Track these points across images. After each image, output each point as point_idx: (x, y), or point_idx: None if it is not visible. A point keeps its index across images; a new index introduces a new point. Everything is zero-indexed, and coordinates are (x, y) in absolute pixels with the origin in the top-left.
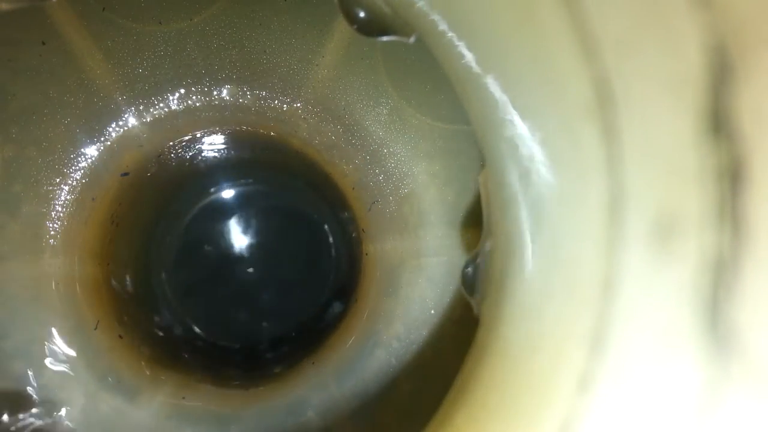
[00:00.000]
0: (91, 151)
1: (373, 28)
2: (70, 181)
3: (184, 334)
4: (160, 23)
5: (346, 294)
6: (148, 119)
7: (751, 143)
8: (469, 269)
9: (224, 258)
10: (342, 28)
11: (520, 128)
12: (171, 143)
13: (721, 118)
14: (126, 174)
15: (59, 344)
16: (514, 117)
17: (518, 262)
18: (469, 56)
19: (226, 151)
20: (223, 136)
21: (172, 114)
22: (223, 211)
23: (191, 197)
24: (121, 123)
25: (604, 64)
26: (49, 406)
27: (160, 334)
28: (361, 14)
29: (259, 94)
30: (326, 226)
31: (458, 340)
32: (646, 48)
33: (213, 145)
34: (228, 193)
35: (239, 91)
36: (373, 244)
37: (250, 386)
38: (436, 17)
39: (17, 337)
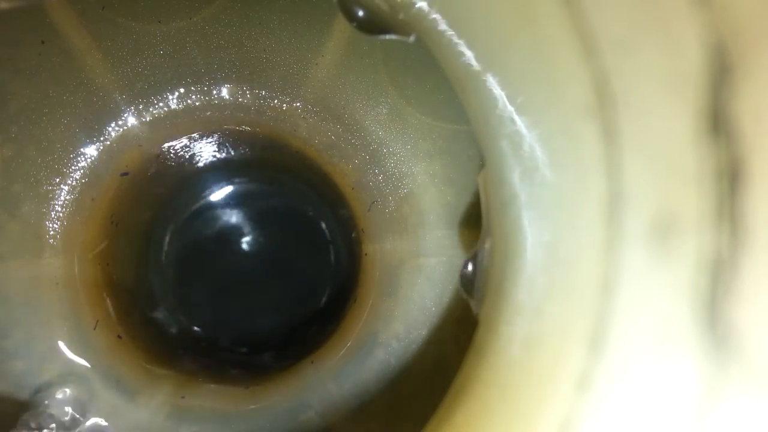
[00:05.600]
0: (91, 150)
1: (372, 26)
2: (69, 181)
3: (184, 334)
4: (160, 22)
5: (346, 294)
6: (148, 119)
7: (750, 143)
8: (468, 269)
9: (224, 257)
10: (342, 27)
11: (519, 127)
12: (171, 143)
13: (720, 118)
14: (126, 174)
15: (59, 344)
16: (514, 116)
17: (517, 262)
18: (468, 55)
19: (225, 151)
20: (222, 136)
21: (172, 113)
22: (223, 210)
23: (191, 197)
24: (120, 122)
25: (603, 63)
26: (49, 405)
27: (160, 333)
28: (360, 13)
29: (258, 93)
30: (325, 226)
31: (458, 340)
32: (645, 47)
33: (212, 144)
34: (227, 193)
35: (239, 91)
36: (372, 244)
37: (249, 385)
38: (435, 16)
39: (17, 337)
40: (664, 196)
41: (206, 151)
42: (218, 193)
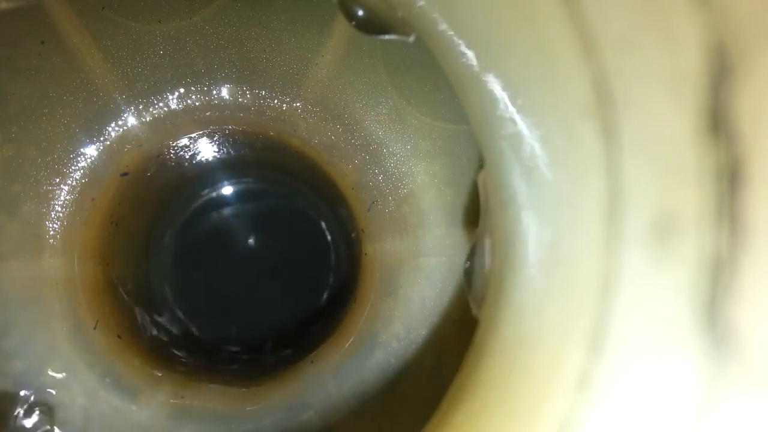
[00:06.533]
0: (91, 150)
1: (372, 26)
2: (69, 181)
3: (184, 334)
4: (160, 22)
5: (346, 294)
6: (148, 119)
7: (750, 143)
8: (468, 264)
9: (223, 258)
10: (342, 27)
11: (519, 127)
12: (170, 143)
13: (720, 117)
14: (126, 174)
15: (59, 344)
16: (514, 116)
17: (517, 262)
18: (468, 55)
19: (225, 151)
20: (222, 136)
21: (172, 113)
22: (223, 210)
23: (190, 197)
24: (120, 123)
25: (603, 63)
26: (49, 405)
27: (160, 333)
28: (360, 12)
29: (258, 93)
30: (325, 226)
31: (458, 340)
32: (645, 47)
33: (212, 144)
34: (227, 193)
35: (239, 91)
36: (372, 244)
37: (249, 386)
38: (435, 16)
39: (17, 337)
40: (664, 196)
41: (206, 151)
42: (218, 194)
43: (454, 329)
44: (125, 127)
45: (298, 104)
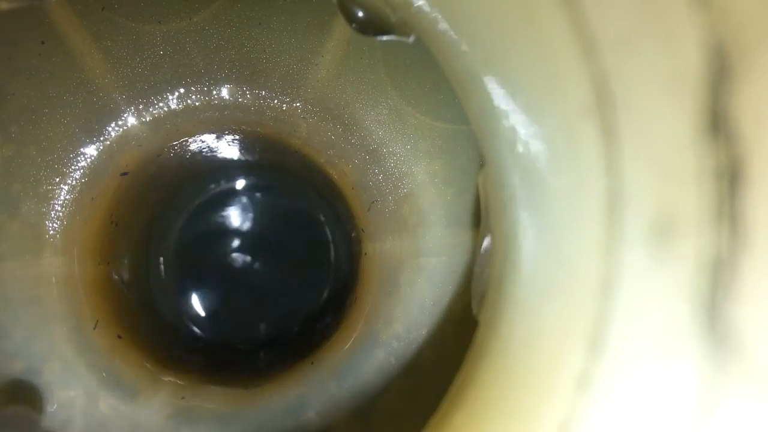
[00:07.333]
0: (91, 150)
1: (372, 27)
2: (69, 181)
3: (184, 334)
4: (160, 22)
5: (346, 294)
6: (148, 119)
7: (749, 143)
8: (477, 267)
9: (223, 258)
10: (341, 28)
11: (519, 128)
12: (170, 143)
13: (720, 118)
14: (126, 174)
15: (59, 344)
16: (514, 116)
17: (517, 262)
18: (468, 55)
19: (225, 151)
20: (222, 136)
21: (172, 113)
22: (223, 210)
23: (191, 197)
24: (120, 123)
25: (603, 63)
26: (49, 406)
27: (160, 333)
28: (360, 13)
29: (258, 93)
30: (325, 226)
31: (458, 340)
32: (645, 48)
33: (212, 144)
34: (227, 193)
35: (239, 91)
36: (372, 243)
37: (249, 386)
38: (435, 16)
39: (17, 337)
40: (664, 196)
41: (206, 152)
42: (218, 194)
43: (454, 329)
44: (125, 127)
45: (298, 104)
